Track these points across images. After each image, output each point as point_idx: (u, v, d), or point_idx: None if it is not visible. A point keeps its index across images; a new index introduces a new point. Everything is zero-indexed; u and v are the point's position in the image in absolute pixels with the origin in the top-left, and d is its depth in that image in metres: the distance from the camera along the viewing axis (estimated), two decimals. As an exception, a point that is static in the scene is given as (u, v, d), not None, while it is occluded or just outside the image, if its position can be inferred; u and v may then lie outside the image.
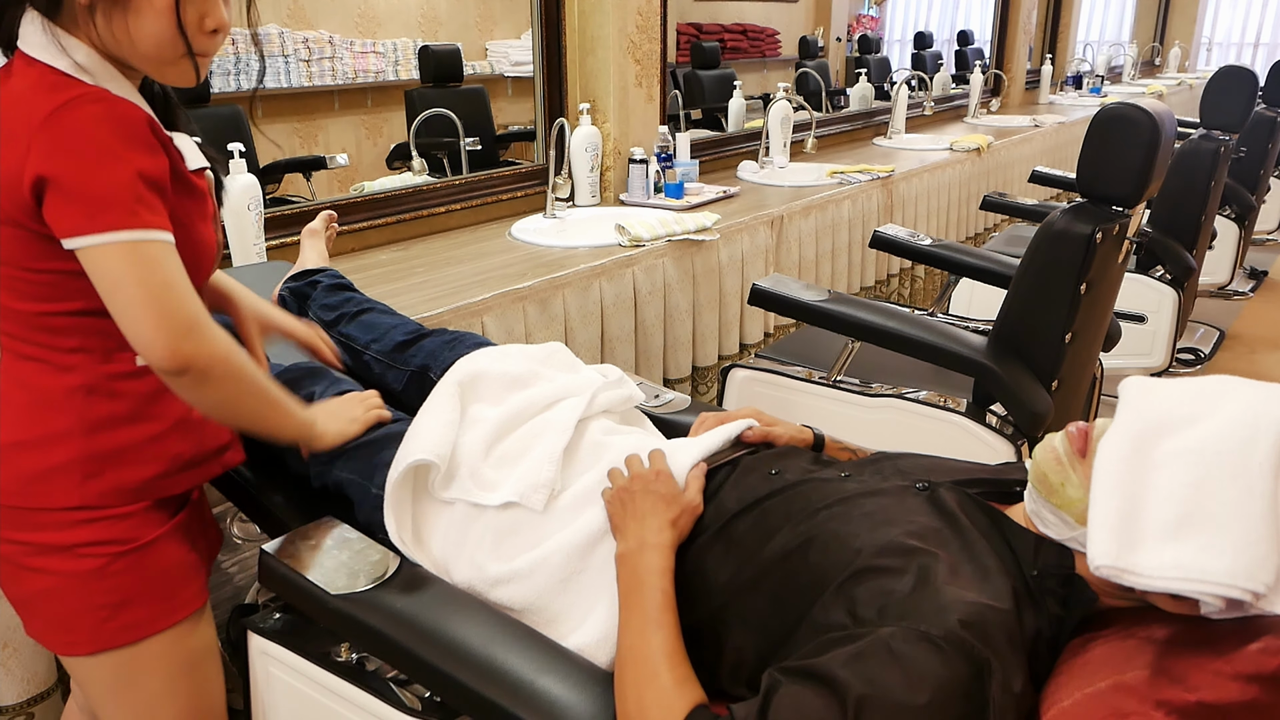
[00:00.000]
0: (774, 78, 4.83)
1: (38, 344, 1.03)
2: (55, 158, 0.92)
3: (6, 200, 0.95)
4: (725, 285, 2.60)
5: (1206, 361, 3.58)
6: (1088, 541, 0.81)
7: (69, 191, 0.92)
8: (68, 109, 0.92)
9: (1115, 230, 1.72)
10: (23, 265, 0.99)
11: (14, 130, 0.94)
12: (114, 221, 0.93)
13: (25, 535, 1.04)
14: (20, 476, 1.04)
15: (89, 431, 1.03)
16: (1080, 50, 7.31)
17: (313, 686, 1.15)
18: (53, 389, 1.03)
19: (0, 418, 1.05)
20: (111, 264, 0.94)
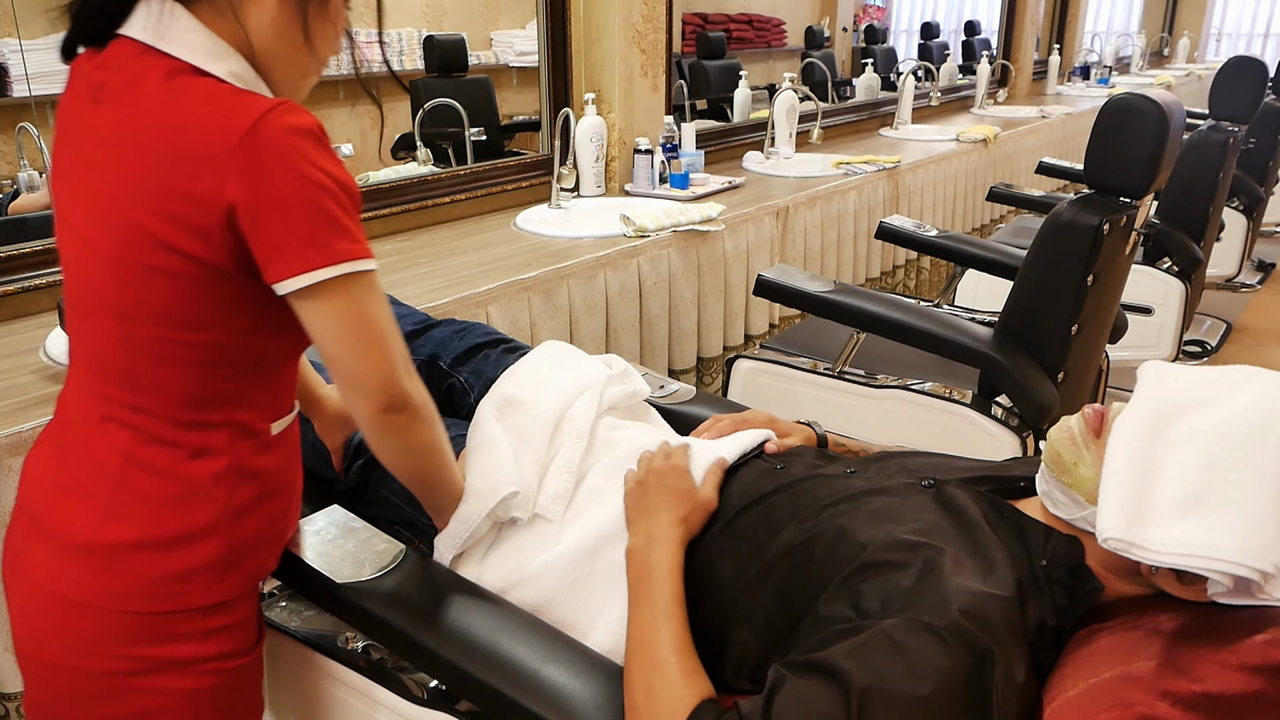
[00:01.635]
0: (780, 68, 4.81)
1: (178, 422, 0.89)
2: (263, 186, 0.79)
3: (184, 242, 0.81)
4: (730, 276, 2.60)
5: (1214, 354, 3.57)
6: (1097, 515, 0.82)
7: (284, 225, 0.80)
8: (269, 122, 0.79)
9: (1123, 222, 1.71)
10: (185, 325, 0.84)
11: (195, 154, 0.79)
12: (343, 251, 0.83)
13: (144, 650, 0.90)
14: (152, 579, 0.89)
15: (233, 520, 0.92)
16: (1088, 41, 7.27)
17: (319, 675, 1.16)
18: (196, 475, 0.90)
19: (126, 512, 0.89)
20: (339, 300, 0.84)
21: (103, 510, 0.89)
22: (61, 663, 0.91)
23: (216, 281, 0.84)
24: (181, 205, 0.80)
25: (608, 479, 1.13)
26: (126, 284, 0.84)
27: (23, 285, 1.81)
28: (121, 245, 0.82)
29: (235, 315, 0.86)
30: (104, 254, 0.84)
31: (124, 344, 0.86)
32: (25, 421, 1.36)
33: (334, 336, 0.86)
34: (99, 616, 0.89)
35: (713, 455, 1.12)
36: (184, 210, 0.80)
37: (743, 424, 1.23)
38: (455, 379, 1.40)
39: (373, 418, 0.92)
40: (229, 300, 0.85)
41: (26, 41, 2.08)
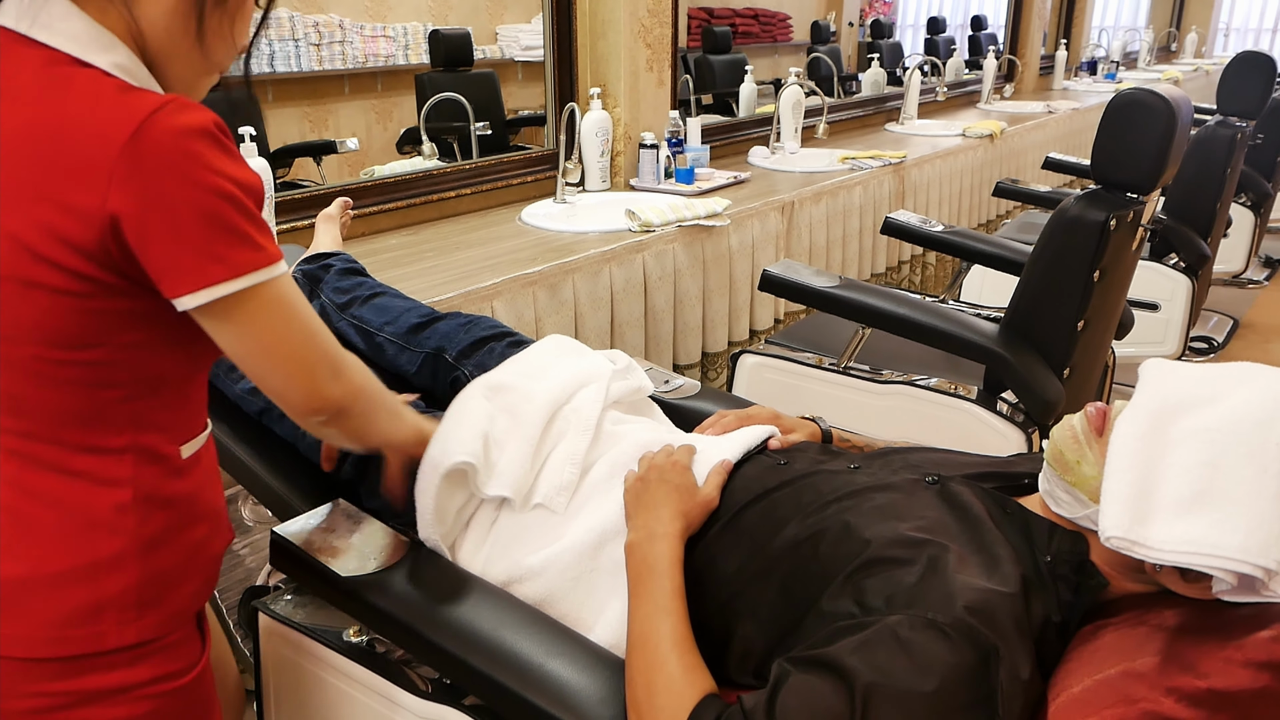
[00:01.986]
0: (785, 63, 4.80)
1: (73, 447, 0.80)
2: (150, 195, 0.72)
3: (62, 255, 0.72)
4: (735, 271, 2.60)
5: (1220, 350, 3.57)
6: (1100, 514, 0.82)
7: (177, 237, 0.73)
8: (157, 123, 0.72)
9: (1129, 217, 1.71)
10: (68, 344, 0.76)
11: (74, 160, 0.71)
12: (244, 262, 0.76)
13: (65, 685, 0.81)
14: (54, 620, 0.80)
15: (145, 552, 0.83)
16: (1095, 36, 7.25)
17: (323, 668, 1.16)
18: (97, 505, 0.81)
19: (19, 548, 0.80)
20: (245, 314, 0.78)
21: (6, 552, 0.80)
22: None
23: (102, 297, 0.75)
24: (59, 216, 0.72)
25: (611, 474, 1.13)
26: (2, 301, 0.74)
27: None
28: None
29: (123, 330, 0.77)
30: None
31: (5, 366, 0.77)
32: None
33: (245, 353, 0.81)
34: (14, 664, 0.80)
35: (716, 454, 1.12)
36: (62, 222, 0.72)
37: (747, 420, 1.23)
38: (460, 371, 1.40)
39: (302, 421, 0.90)
40: (116, 315, 0.77)
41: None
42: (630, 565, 1.00)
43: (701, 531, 1.04)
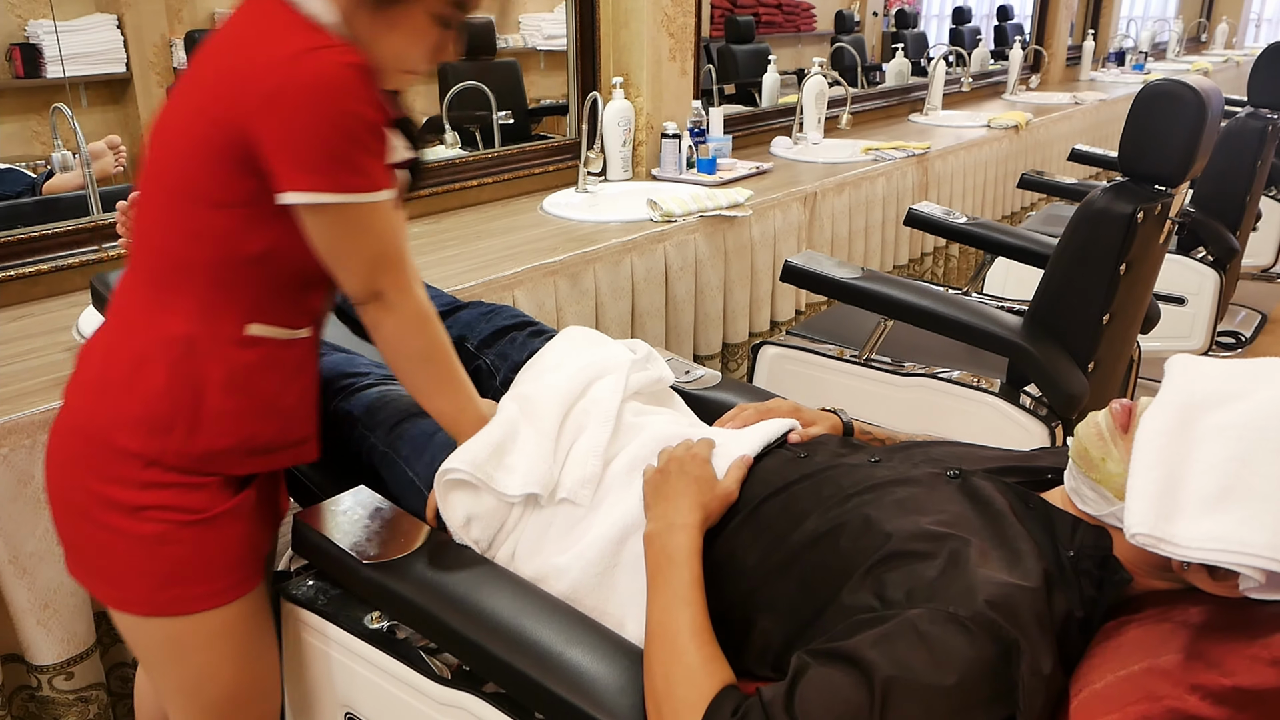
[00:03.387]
0: (809, 52, 4.77)
1: (167, 286, 1.02)
2: (290, 111, 0.91)
3: (220, 136, 0.95)
4: (757, 262, 2.59)
5: (1247, 345, 3.52)
6: (1125, 511, 0.81)
7: (293, 144, 0.93)
8: (310, 59, 0.92)
9: (1157, 210, 1.69)
10: (208, 200, 0.98)
11: (251, 65, 0.93)
12: (347, 183, 0.95)
13: (98, 486, 1.03)
14: (100, 414, 1.03)
15: (173, 386, 1.02)
16: (1123, 26, 7.16)
17: (344, 653, 1.17)
18: (159, 335, 1.02)
19: (104, 354, 1.05)
20: (329, 220, 0.97)
21: (95, 353, 1.07)
22: (51, 486, 1.08)
23: (244, 171, 0.96)
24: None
25: (632, 467, 1.13)
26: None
27: (56, 265, 1.83)
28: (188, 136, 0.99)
29: (255, 204, 0.98)
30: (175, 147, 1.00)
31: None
32: (59, 398, 1.38)
33: (327, 249, 1.00)
34: (74, 439, 1.05)
35: (735, 447, 1.11)
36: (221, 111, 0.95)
37: (767, 413, 1.22)
38: (481, 361, 1.40)
39: (356, 306, 1.05)
40: (254, 186, 0.97)
41: (61, 23, 2.09)
42: (649, 556, 1.00)
43: (721, 525, 1.04)
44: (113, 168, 2.12)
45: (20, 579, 1.36)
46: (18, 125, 2.18)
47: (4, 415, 1.33)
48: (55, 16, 2.09)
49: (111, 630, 1.51)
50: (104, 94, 2.31)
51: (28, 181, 2.09)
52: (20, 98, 2.16)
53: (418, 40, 1.01)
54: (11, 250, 1.79)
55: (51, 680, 1.42)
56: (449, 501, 1.11)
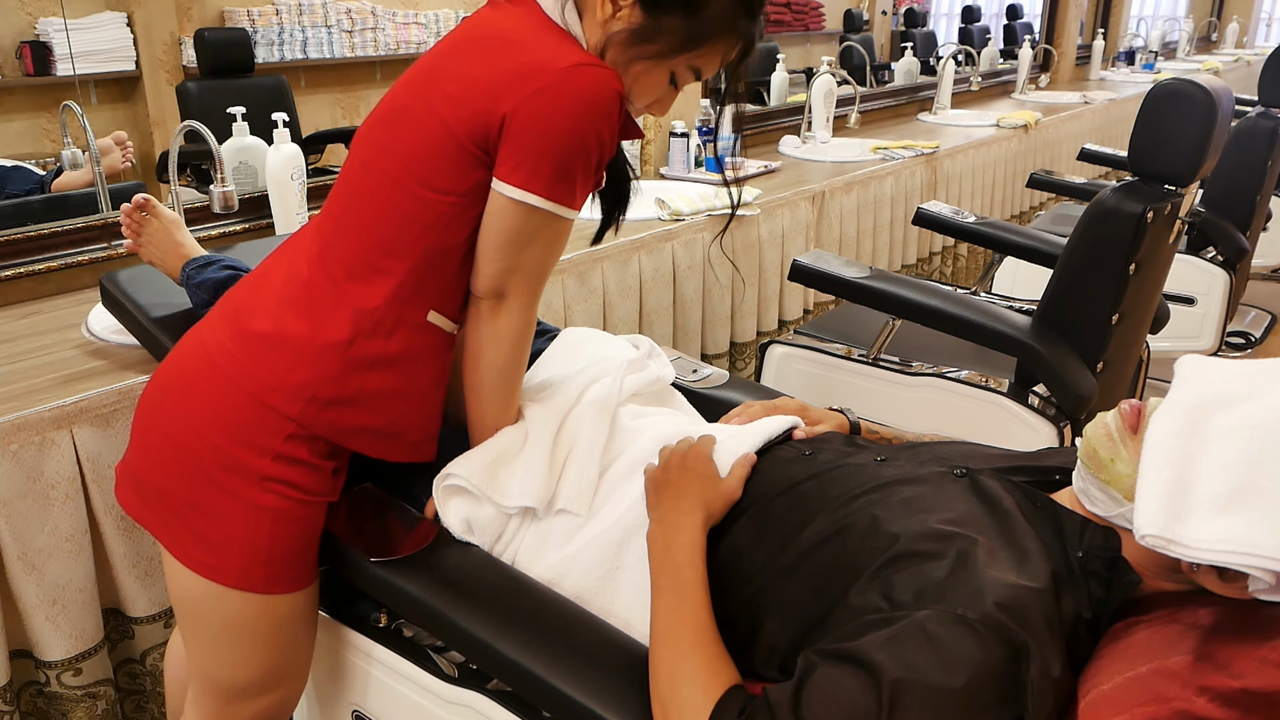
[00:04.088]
0: (817, 51, 4.77)
1: (365, 265, 1.04)
2: (549, 112, 0.96)
3: (468, 124, 0.98)
4: (765, 261, 2.59)
5: (1257, 346, 3.51)
6: (1135, 512, 0.80)
7: (539, 148, 0.97)
8: (585, 71, 0.97)
9: (1167, 210, 1.68)
10: (434, 185, 1.02)
11: (521, 65, 0.98)
12: (560, 194, 1.00)
13: (233, 447, 1.04)
14: (264, 370, 1.04)
15: (349, 360, 1.04)
16: (1134, 25, 7.14)
17: (351, 651, 1.17)
18: (348, 309, 1.04)
19: (282, 310, 1.06)
20: (523, 221, 1.01)
21: (262, 315, 1.07)
22: (169, 434, 1.07)
23: (475, 160, 1.01)
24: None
25: (631, 470, 1.12)
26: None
27: (65, 262, 1.84)
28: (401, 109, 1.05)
29: (473, 195, 1.02)
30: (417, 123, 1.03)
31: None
32: (68, 395, 1.39)
33: (495, 238, 1.03)
34: (222, 388, 1.05)
35: (736, 443, 1.11)
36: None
37: (774, 410, 1.22)
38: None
39: (477, 292, 1.07)
40: (476, 176, 1.02)
41: (71, 21, 2.10)
42: (652, 555, 0.99)
43: (726, 524, 1.03)
44: (120, 164, 2.13)
45: (29, 575, 1.36)
46: (28, 123, 2.19)
47: (13, 412, 1.34)
48: (65, 14, 2.09)
49: (120, 627, 1.52)
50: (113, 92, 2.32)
51: (37, 179, 2.10)
52: (30, 95, 2.17)
53: (647, 89, 1.07)
54: (21, 247, 1.80)
55: (60, 676, 1.43)
56: (448, 507, 1.12)
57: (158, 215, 1.50)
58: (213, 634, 1.10)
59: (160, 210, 1.50)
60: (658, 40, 1.02)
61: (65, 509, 1.38)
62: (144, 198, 1.50)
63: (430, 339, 1.09)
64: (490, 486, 1.10)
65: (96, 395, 1.40)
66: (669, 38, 1.02)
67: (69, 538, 1.39)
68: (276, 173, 1.90)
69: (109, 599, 1.49)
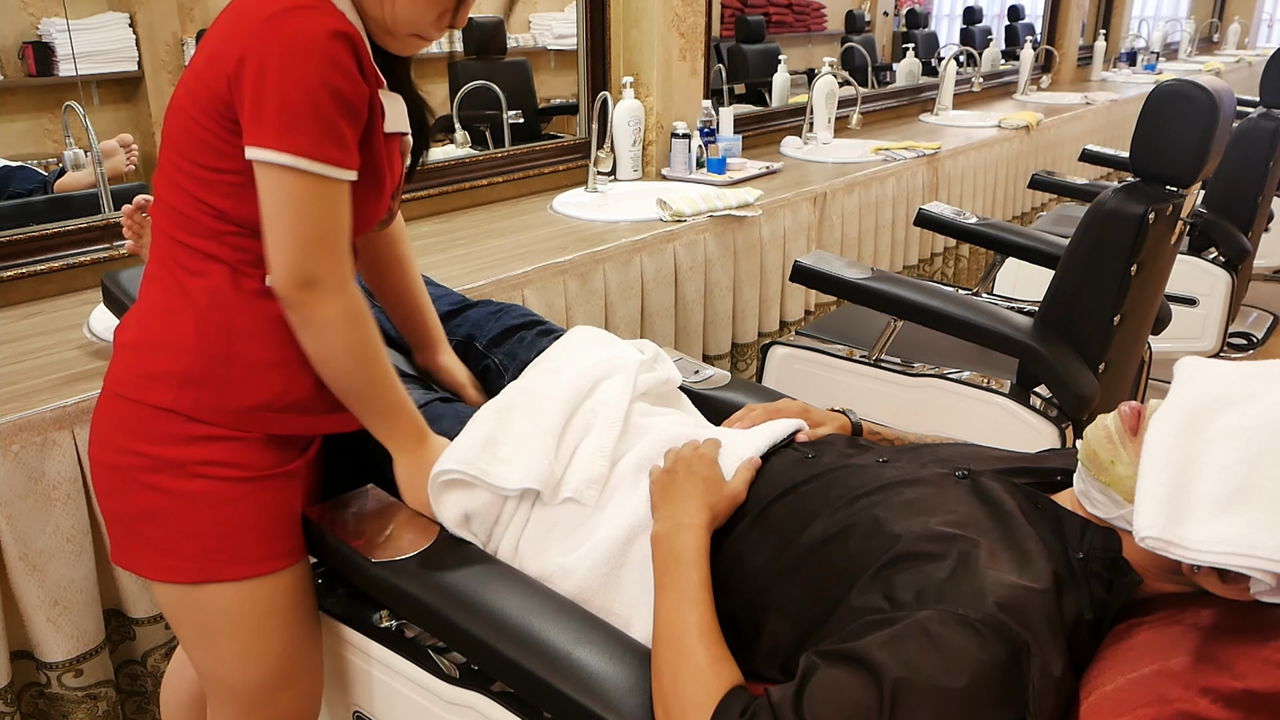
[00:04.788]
0: (819, 52, 4.76)
1: (186, 246, 1.03)
2: (263, 63, 0.91)
3: (207, 96, 0.95)
4: (767, 262, 2.59)
5: (1259, 346, 3.50)
6: (1134, 513, 0.80)
7: (265, 101, 0.92)
8: (290, 15, 0.92)
9: (1169, 210, 1.68)
10: (206, 163, 0.99)
11: (236, 29, 0.94)
12: (301, 146, 0.93)
13: (143, 446, 1.03)
14: (134, 374, 1.04)
15: (202, 337, 1.03)
16: (1135, 26, 7.13)
17: (352, 652, 1.17)
18: (184, 290, 1.03)
19: (136, 317, 1.07)
20: (283, 185, 0.95)
21: (129, 322, 1.08)
22: (97, 457, 1.08)
23: (231, 134, 0.97)
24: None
25: (639, 468, 1.12)
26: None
27: (67, 262, 1.84)
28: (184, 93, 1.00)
29: (243, 166, 0.96)
30: (178, 109, 1.00)
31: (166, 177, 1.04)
32: (70, 396, 1.39)
33: (266, 212, 0.96)
34: (117, 404, 1.05)
35: (741, 447, 1.11)
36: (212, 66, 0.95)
37: (775, 413, 1.22)
38: (490, 360, 1.40)
39: (282, 300, 1.00)
40: (239, 152, 0.96)
41: (73, 21, 2.10)
42: (656, 556, 0.99)
43: (729, 527, 1.03)
44: (124, 166, 2.13)
45: (30, 576, 1.36)
46: (30, 123, 2.19)
47: (15, 413, 1.34)
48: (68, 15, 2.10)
49: (121, 628, 1.52)
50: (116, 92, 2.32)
51: (39, 179, 2.10)
52: (32, 96, 2.17)
53: (429, 4, 1.01)
54: (23, 248, 1.80)
55: (61, 677, 1.43)
56: (444, 503, 1.11)
57: None
58: (204, 634, 1.10)
59: None
60: None
61: (66, 509, 1.38)
62: (144, 199, 1.51)
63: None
64: (486, 470, 1.09)
65: (98, 396, 1.40)
66: None
67: (70, 538, 1.39)
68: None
69: (110, 600, 1.49)
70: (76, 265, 1.85)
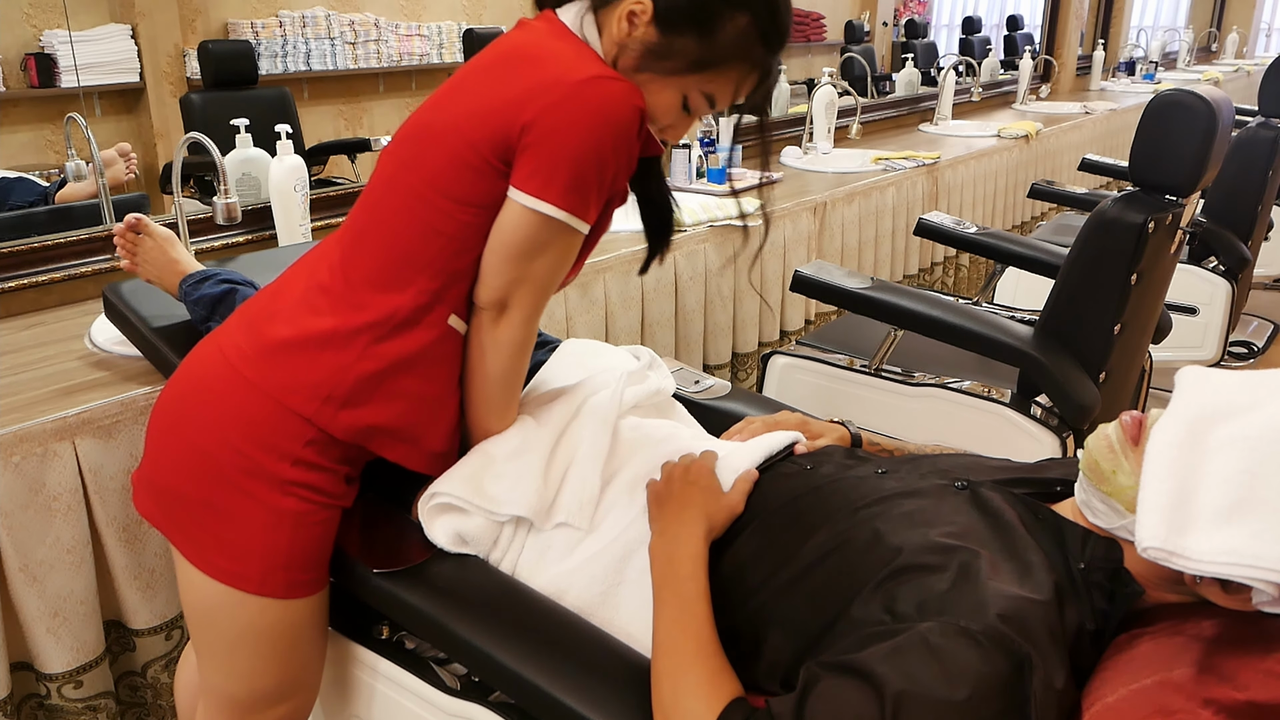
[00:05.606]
0: (819, 62, 4.78)
1: (388, 275, 1.05)
2: (567, 123, 0.97)
3: (490, 132, 0.99)
4: (767, 271, 2.59)
5: (1260, 355, 3.51)
6: (1136, 524, 0.80)
7: (560, 163, 0.98)
8: (603, 84, 0.98)
9: (1168, 220, 1.68)
10: (458, 197, 1.02)
11: (541, 78, 0.98)
12: (575, 206, 1.00)
13: (253, 451, 1.04)
14: (283, 370, 1.05)
15: (369, 358, 1.05)
16: (1134, 36, 7.16)
17: (353, 663, 1.17)
18: (368, 314, 1.05)
19: (296, 317, 1.07)
20: (538, 226, 1.01)
21: (280, 322, 1.08)
22: (195, 441, 1.06)
23: (493, 173, 1.02)
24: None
25: (633, 484, 1.11)
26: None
27: (68, 273, 1.84)
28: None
29: (490, 208, 1.04)
30: (439, 139, 1.05)
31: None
32: (71, 407, 1.39)
33: (501, 246, 1.04)
34: (249, 394, 1.05)
35: (738, 459, 1.11)
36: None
37: (774, 425, 1.22)
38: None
39: (480, 301, 1.07)
40: (493, 190, 1.03)
41: (76, 33, 2.11)
42: (654, 568, 0.99)
43: (728, 539, 1.03)
44: (124, 176, 2.13)
45: (30, 587, 1.36)
46: (32, 134, 2.20)
47: (16, 423, 1.34)
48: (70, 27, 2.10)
49: (121, 639, 1.52)
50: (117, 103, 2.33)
51: (41, 190, 2.11)
52: (35, 107, 2.18)
53: (659, 111, 1.06)
54: (24, 259, 1.80)
55: (60, 689, 1.43)
56: (435, 525, 1.11)
57: (150, 234, 1.49)
58: (230, 642, 1.10)
59: (153, 228, 1.49)
60: (670, 59, 1.03)
61: (67, 520, 1.38)
62: (135, 217, 1.50)
63: (451, 344, 1.10)
64: (477, 497, 1.09)
65: (99, 407, 1.40)
66: (681, 58, 1.03)
67: (70, 549, 1.39)
68: (280, 184, 1.91)
69: (110, 611, 1.49)
70: (78, 276, 1.85)
